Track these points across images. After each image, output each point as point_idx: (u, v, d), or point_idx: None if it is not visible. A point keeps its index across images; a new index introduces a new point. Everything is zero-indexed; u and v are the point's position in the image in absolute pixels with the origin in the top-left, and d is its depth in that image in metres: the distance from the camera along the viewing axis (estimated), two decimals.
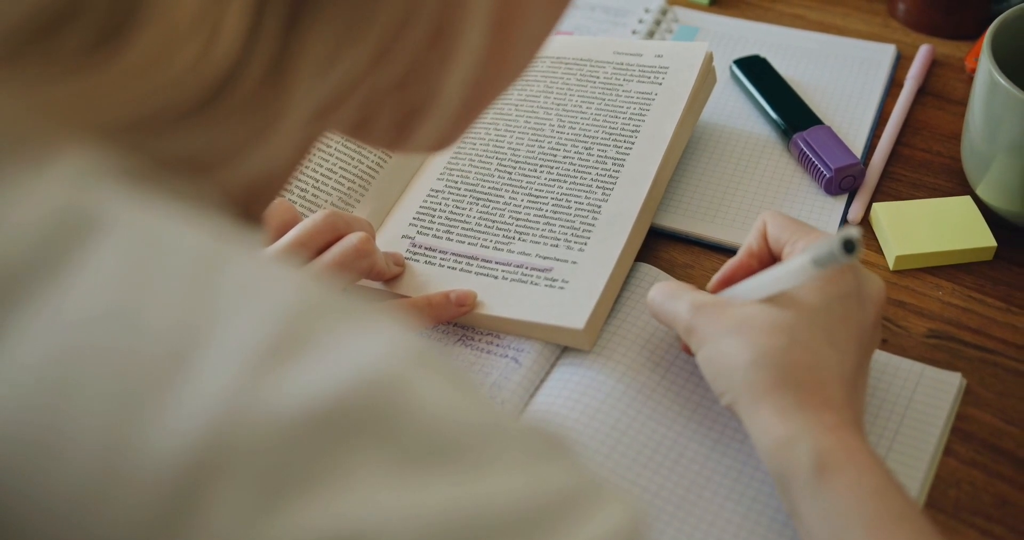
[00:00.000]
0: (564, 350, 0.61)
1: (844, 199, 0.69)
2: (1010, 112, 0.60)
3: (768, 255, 0.55)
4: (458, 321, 0.62)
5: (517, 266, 0.63)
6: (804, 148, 0.70)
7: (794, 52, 0.81)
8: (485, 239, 0.65)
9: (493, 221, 0.66)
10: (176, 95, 0.26)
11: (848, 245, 0.43)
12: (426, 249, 0.65)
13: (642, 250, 0.65)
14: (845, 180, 0.68)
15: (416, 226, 0.67)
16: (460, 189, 0.69)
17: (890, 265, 0.65)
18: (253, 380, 0.23)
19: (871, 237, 0.67)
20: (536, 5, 0.34)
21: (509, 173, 0.69)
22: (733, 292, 0.53)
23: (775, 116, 0.73)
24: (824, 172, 0.68)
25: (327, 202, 0.67)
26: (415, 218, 0.68)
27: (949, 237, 0.64)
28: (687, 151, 0.72)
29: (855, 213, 0.68)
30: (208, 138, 0.28)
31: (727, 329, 0.49)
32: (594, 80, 0.73)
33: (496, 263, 0.63)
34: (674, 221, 0.68)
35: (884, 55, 0.80)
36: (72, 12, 0.25)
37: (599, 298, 0.59)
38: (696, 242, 0.68)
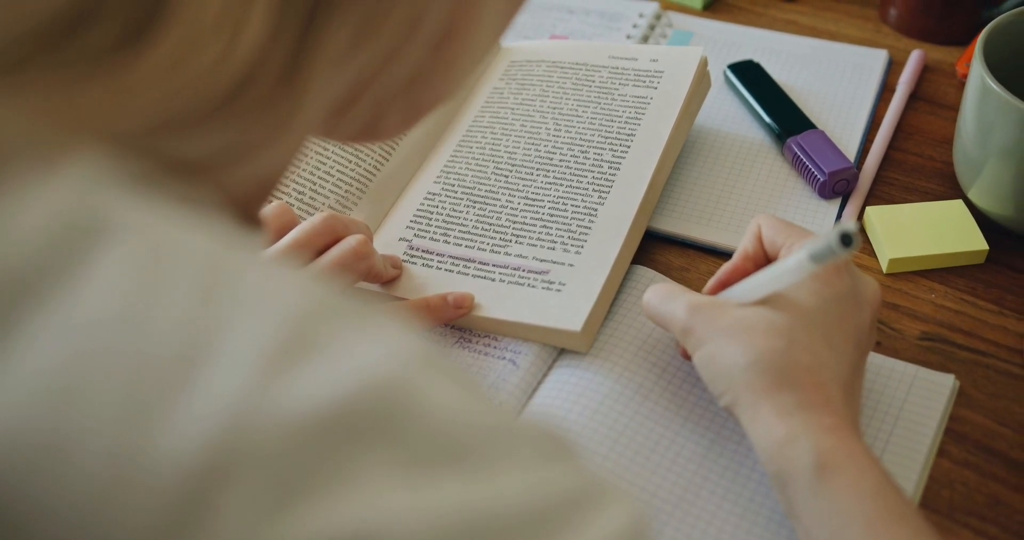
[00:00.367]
0: (561, 352, 0.61)
1: (838, 203, 0.69)
2: (1002, 117, 0.60)
3: (763, 258, 0.55)
4: (456, 323, 0.62)
5: (514, 269, 0.63)
6: (798, 152, 0.70)
7: (787, 57, 0.82)
8: (482, 242, 0.65)
9: (490, 224, 0.66)
10: (196, 96, 0.27)
11: (845, 238, 0.43)
12: (423, 252, 0.66)
13: (638, 253, 0.65)
14: (839, 184, 0.69)
15: (413, 229, 0.67)
16: (457, 192, 0.69)
17: (883, 268, 0.65)
18: (262, 384, 0.23)
19: (864, 240, 0.67)
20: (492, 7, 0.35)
21: (506, 176, 0.69)
22: (729, 294, 0.53)
23: (769, 120, 0.74)
24: (818, 176, 0.69)
25: (324, 205, 0.67)
26: (412, 221, 0.68)
27: (942, 240, 0.65)
28: (682, 155, 0.73)
29: (848, 217, 0.68)
30: (222, 138, 0.28)
31: (725, 330, 0.50)
32: (590, 84, 0.74)
33: (493, 266, 0.64)
34: (670, 224, 0.69)
35: (876, 60, 0.80)
36: (93, 14, 0.25)
37: (596, 300, 0.60)
38: (692, 245, 0.68)
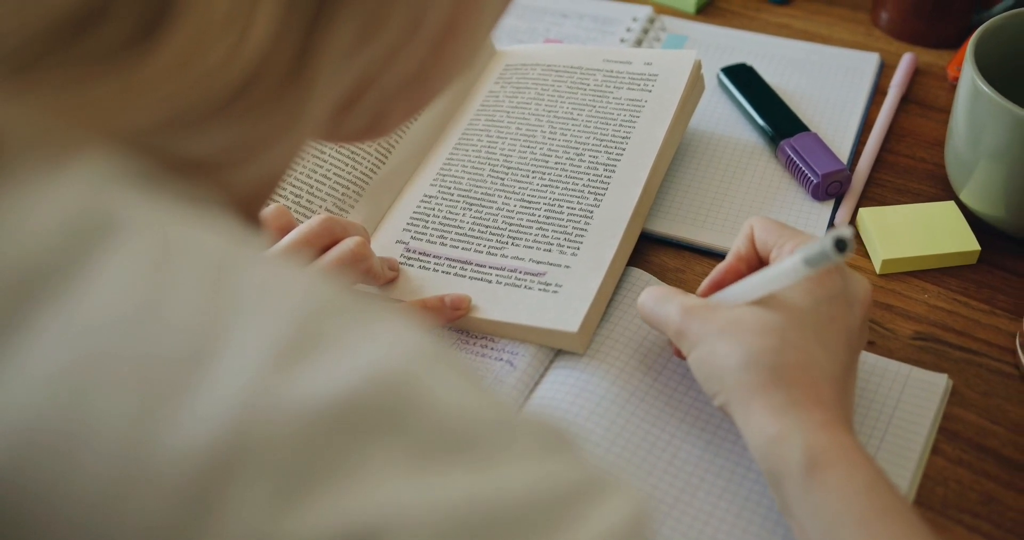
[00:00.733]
0: (558, 353, 0.61)
1: (831, 204, 0.70)
2: (993, 119, 0.61)
3: (756, 259, 0.56)
4: (453, 325, 0.63)
5: (511, 271, 0.64)
6: (791, 154, 0.71)
7: (780, 60, 0.82)
8: (479, 244, 0.66)
9: (486, 226, 0.67)
10: (205, 93, 0.27)
11: (840, 244, 0.44)
12: (420, 254, 0.66)
13: (633, 255, 0.66)
14: (832, 186, 0.70)
15: (410, 231, 0.68)
16: (453, 194, 0.69)
17: (876, 269, 0.66)
18: (270, 380, 0.24)
19: (858, 242, 0.68)
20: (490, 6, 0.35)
21: (502, 179, 0.69)
22: (723, 296, 0.54)
23: (762, 123, 0.74)
24: (811, 178, 0.69)
25: (321, 207, 0.68)
26: (409, 223, 0.68)
27: (934, 241, 0.66)
28: (676, 157, 0.73)
29: (842, 218, 0.69)
30: (229, 136, 0.28)
31: (718, 331, 0.50)
32: (584, 87, 0.74)
33: (490, 268, 0.64)
34: (664, 226, 0.69)
35: (868, 63, 0.81)
36: (103, 12, 0.25)
37: (592, 302, 0.60)
38: (686, 247, 0.69)
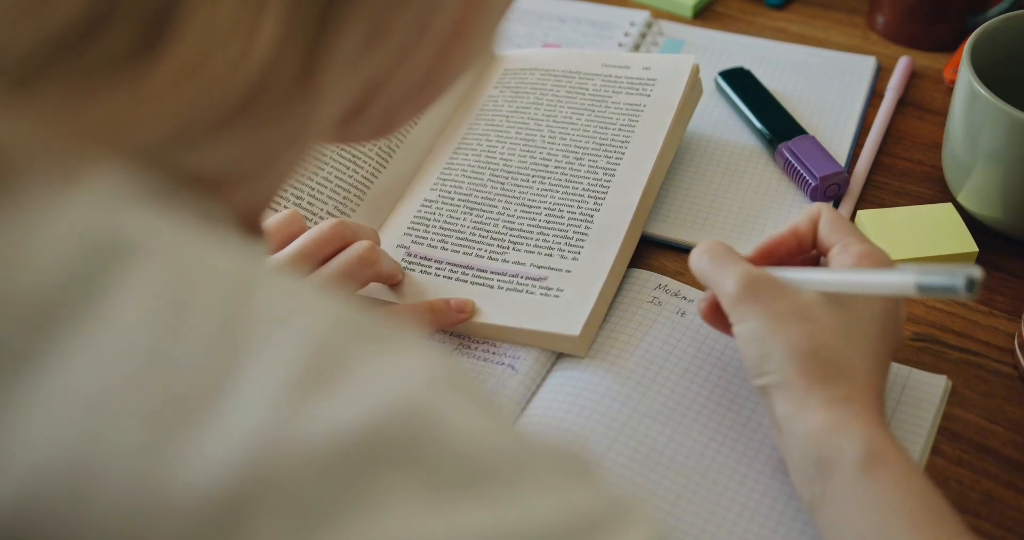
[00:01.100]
0: (560, 356, 0.62)
1: None
2: (990, 121, 0.61)
3: (810, 241, 0.55)
4: (455, 329, 0.63)
5: (512, 275, 0.64)
6: (789, 157, 0.71)
7: (777, 64, 0.83)
8: (480, 249, 0.66)
9: (487, 231, 0.67)
10: (213, 102, 0.26)
11: (971, 285, 0.41)
12: (422, 258, 0.66)
13: (633, 258, 0.66)
14: (830, 188, 0.70)
15: (411, 235, 0.68)
16: (454, 199, 0.70)
17: None
18: (286, 412, 0.24)
19: None
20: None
21: (502, 183, 0.70)
22: (786, 274, 0.52)
23: (760, 126, 0.75)
24: (809, 180, 0.70)
25: (323, 211, 0.68)
26: (410, 228, 0.69)
27: (932, 243, 0.66)
28: (675, 161, 0.74)
29: None
30: (238, 148, 0.28)
31: (783, 313, 0.49)
32: (583, 92, 0.75)
33: (491, 272, 0.64)
34: (664, 229, 0.70)
35: (865, 67, 0.82)
36: (106, 20, 0.25)
37: (593, 305, 0.60)
38: (686, 250, 0.69)
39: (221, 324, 0.24)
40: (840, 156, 0.74)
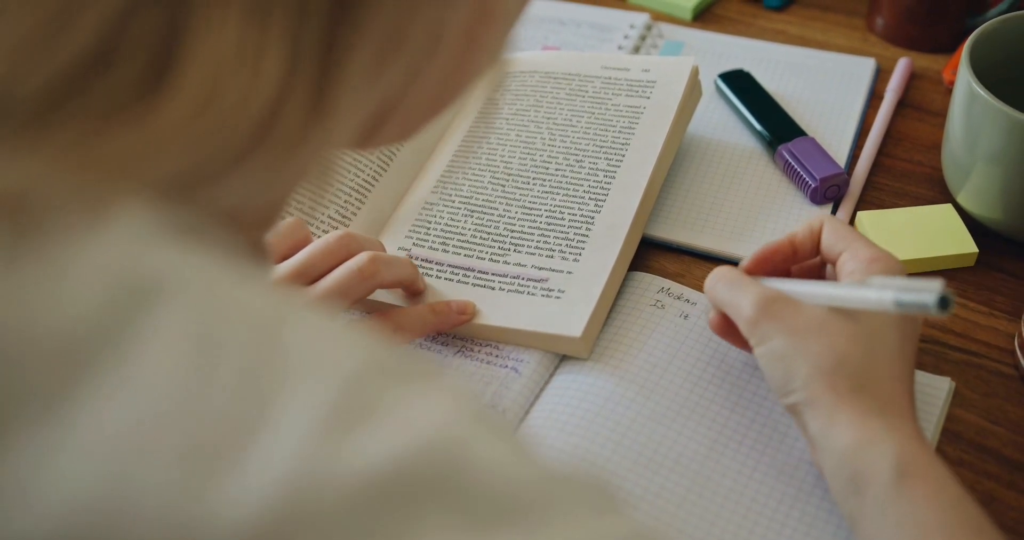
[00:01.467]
0: (563, 359, 0.62)
1: (829, 208, 0.71)
2: (989, 122, 0.62)
3: (810, 250, 0.56)
4: (457, 332, 0.63)
5: (513, 277, 0.64)
6: (789, 159, 0.71)
7: (777, 66, 0.83)
8: (481, 251, 0.66)
9: (488, 233, 0.67)
10: (227, 134, 0.26)
11: (944, 302, 0.42)
12: (423, 261, 0.66)
13: (633, 259, 0.66)
14: (830, 190, 0.70)
15: (412, 238, 0.68)
16: (455, 202, 0.70)
17: None
18: (318, 450, 0.24)
19: None
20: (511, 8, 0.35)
21: (502, 186, 0.70)
22: (789, 288, 0.53)
23: (760, 128, 0.75)
24: (809, 182, 0.70)
25: (324, 214, 0.68)
26: (411, 230, 0.69)
27: (932, 244, 0.66)
28: (675, 163, 0.74)
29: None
30: (256, 180, 0.28)
31: (802, 330, 0.49)
32: (583, 94, 0.75)
33: (493, 274, 0.65)
34: (664, 231, 0.70)
35: (864, 68, 0.82)
36: (112, 54, 0.25)
37: (595, 307, 0.61)
38: (686, 251, 0.69)
39: (252, 364, 0.24)
40: (840, 157, 0.74)
